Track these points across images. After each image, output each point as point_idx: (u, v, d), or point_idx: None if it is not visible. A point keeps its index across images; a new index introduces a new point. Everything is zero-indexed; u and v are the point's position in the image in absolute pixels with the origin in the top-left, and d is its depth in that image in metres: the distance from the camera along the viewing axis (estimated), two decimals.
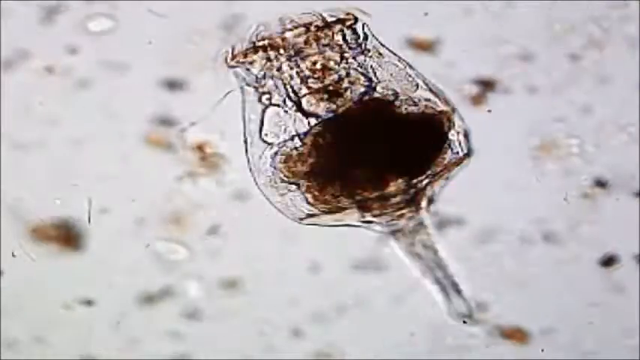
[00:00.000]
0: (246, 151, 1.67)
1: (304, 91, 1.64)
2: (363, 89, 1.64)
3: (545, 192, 1.75)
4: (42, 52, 1.73)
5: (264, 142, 1.65)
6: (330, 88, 1.64)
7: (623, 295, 1.75)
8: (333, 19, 1.66)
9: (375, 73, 1.66)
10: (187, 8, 1.74)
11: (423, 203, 1.70)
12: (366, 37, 1.67)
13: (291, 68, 1.64)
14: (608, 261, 1.75)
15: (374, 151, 1.62)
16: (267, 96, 1.65)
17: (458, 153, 1.68)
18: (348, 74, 1.65)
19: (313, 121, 1.63)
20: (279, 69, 1.64)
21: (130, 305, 1.75)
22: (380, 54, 1.68)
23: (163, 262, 1.74)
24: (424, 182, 1.67)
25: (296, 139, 1.63)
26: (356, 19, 1.67)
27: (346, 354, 1.77)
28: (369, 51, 1.67)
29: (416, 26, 1.74)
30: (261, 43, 1.65)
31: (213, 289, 1.75)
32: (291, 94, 1.64)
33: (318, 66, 1.64)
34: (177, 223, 1.74)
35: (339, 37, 1.65)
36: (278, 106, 1.65)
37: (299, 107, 1.64)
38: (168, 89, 1.73)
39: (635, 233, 1.74)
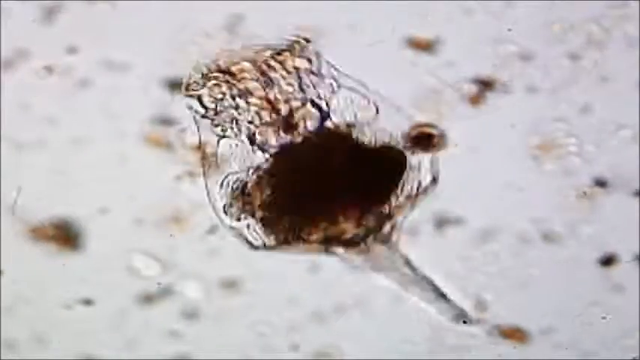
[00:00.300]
0: (205, 182, 1.66)
1: (257, 123, 1.62)
2: (317, 120, 1.62)
3: (545, 191, 1.75)
4: (41, 51, 1.73)
5: (221, 171, 1.64)
6: (283, 120, 1.62)
7: (623, 294, 1.75)
8: (284, 47, 1.64)
9: (328, 103, 1.64)
10: (188, 8, 1.74)
11: (386, 232, 1.68)
12: (319, 64, 1.65)
13: (243, 100, 1.62)
14: (608, 260, 1.75)
15: (328, 184, 1.60)
16: (221, 127, 1.64)
17: (420, 183, 1.66)
18: (302, 105, 1.63)
19: (266, 153, 1.62)
20: (231, 100, 1.63)
21: (129, 305, 1.75)
22: (335, 80, 1.66)
23: (138, 277, 1.74)
24: (383, 214, 1.65)
25: (251, 171, 1.62)
26: (307, 45, 1.64)
27: (346, 354, 1.77)
28: (323, 78, 1.65)
29: (415, 26, 1.73)
30: (212, 74, 1.63)
31: (213, 289, 1.75)
32: (243, 127, 1.62)
33: (270, 97, 1.62)
34: (176, 223, 1.74)
35: (290, 67, 1.63)
36: (232, 137, 1.63)
37: (251, 140, 1.62)
38: (168, 89, 1.72)
39: (634, 233, 1.74)
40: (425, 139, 1.67)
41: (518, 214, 1.75)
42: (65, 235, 1.74)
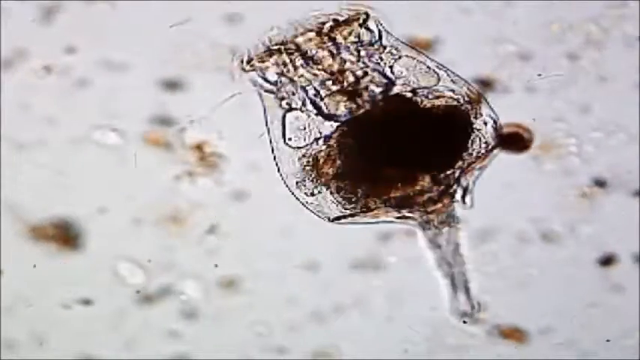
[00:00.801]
0: (274, 156, 1.66)
1: (323, 93, 1.63)
2: (382, 87, 1.63)
3: (544, 191, 1.75)
4: (40, 51, 1.73)
5: (289, 146, 1.65)
6: (349, 88, 1.62)
7: (623, 295, 1.75)
8: (345, 18, 1.65)
9: (392, 70, 1.65)
10: (187, 8, 1.74)
11: (457, 195, 1.69)
12: (380, 34, 1.66)
13: (308, 71, 1.63)
14: (607, 261, 1.75)
15: (399, 149, 1.61)
16: (286, 101, 1.64)
17: (487, 143, 1.67)
18: (365, 73, 1.63)
19: (335, 123, 1.63)
20: (295, 73, 1.63)
21: (128, 305, 1.75)
22: (396, 49, 1.67)
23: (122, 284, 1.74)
24: (454, 175, 1.66)
25: (321, 142, 1.63)
26: (367, 17, 1.65)
27: (345, 354, 1.77)
28: (384, 48, 1.66)
29: (415, 25, 1.73)
30: (275, 48, 1.64)
31: (212, 289, 1.75)
32: (310, 98, 1.63)
33: (335, 67, 1.63)
34: (175, 223, 1.74)
35: (352, 37, 1.64)
36: (298, 110, 1.64)
37: (319, 110, 1.63)
38: (167, 89, 1.73)
39: (633, 233, 1.74)
40: (515, 140, 1.68)
41: (517, 214, 1.75)
42: (65, 235, 1.74)
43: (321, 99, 1.62)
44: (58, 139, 1.74)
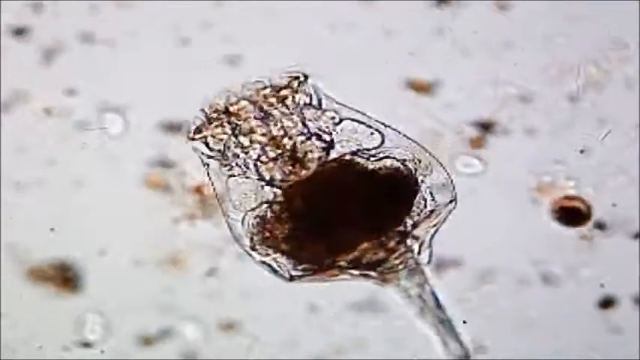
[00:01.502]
0: (226, 222, 1.67)
1: (263, 159, 1.63)
2: (321, 151, 1.63)
3: (544, 233, 1.75)
4: (40, 93, 1.73)
5: (237, 209, 1.65)
6: (289, 154, 1.63)
7: (622, 337, 1.75)
8: (282, 83, 1.65)
9: (331, 133, 1.65)
10: (187, 44, 1.74)
11: (415, 249, 1.69)
12: (318, 98, 1.66)
13: (247, 139, 1.63)
14: (607, 303, 1.75)
15: (341, 212, 1.61)
16: (229, 167, 1.64)
17: (435, 201, 1.67)
18: (306, 138, 1.64)
19: (276, 188, 1.63)
20: (235, 140, 1.63)
21: (128, 347, 1.75)
22: (336, 112, 1.67)
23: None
24: (400, 235, 1.66)
25: (264, 207, 1.63)
26: (305, 80, 1.65)
27: None
28: (323, 110, 1.66)
29: (414, 68, 1.73)
30: (214, 116, 1.64)
31: (212, 331, 1.75)
32: (250, 165, 1.63)
33: (274, 133, 1.63)
34: (175, 265, 1.74)
35: (290, 102, 1.64)
36: (242, 176, 1.64)
37: (260, 176, 1.63)
38: (167, 131, 1.73)
39: (633, 275, 1.74)
40: (572, 213, 1.70)
41: (516, 256, 1.74)
42: (64, 277, 1.74)
43: (261, 165, 1.62)
44: (57, 181, 1.74)
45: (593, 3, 1.75)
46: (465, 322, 1.73)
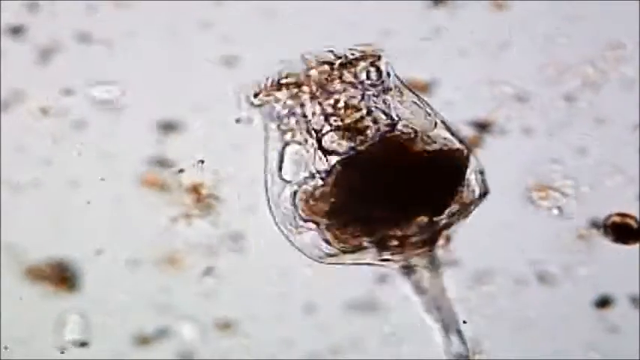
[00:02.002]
0: (266, 189, 1.67)
1: (326, 128, 1.63)
2: (384, 127, 1.64)
3: (541, 233, 1.75)
4: (37, 93, 1.73)
5: (284, 180, 1.65)
6: (352, 125, 1.63)
7: (619, 336, 1.75)
8: (357, 56, 1.66)
9: (396, 111, 1.66)
10: (185, 45, 1.74)
11: (440, 241, 1.69)
12: (388, 75, 1.67)
13: (314, 106, 1.63)
14: (604, 302, 1.75)
15: (395, 190, 1.61)
16: (290, 133, 1.65)
17: (474, 192, 1.67)
18: (369, 112, 1.64)
19: (334, 159, 1.63)
20: (301, 106, 1.64)
21: (124, 347, 1.75)
22: (401, 92, 1.68)
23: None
24: (444, 221, 1.66)
25: (317, 178, 1.63)
26: (379, 57, 1.66)
27: None
28: (390, 89, 1.67)
29: (412, 67, 1.73)
30: (285, 81, 1.64)
31: (209, 331, 1.75)
32: (313, 132, 1.63)
33: (341, 104, 1.64)
34: (172, 265, 1.74)
35: (362, 75, 1.65)
36: (299, 143, 1.64)
37: (320, 145, 1.63)
38: (164, 130, 1.73)
39: (630, 274, 1.74)
40: (623, 230, 1.72)
41: (513, 256, 1.74)
42: (61, 277, 1.74)
43: (324, 134, 1.63)
44: (54, 181, 1.73)
45: (590, 3, 1.75)
46: (465, 322, 1.73)
